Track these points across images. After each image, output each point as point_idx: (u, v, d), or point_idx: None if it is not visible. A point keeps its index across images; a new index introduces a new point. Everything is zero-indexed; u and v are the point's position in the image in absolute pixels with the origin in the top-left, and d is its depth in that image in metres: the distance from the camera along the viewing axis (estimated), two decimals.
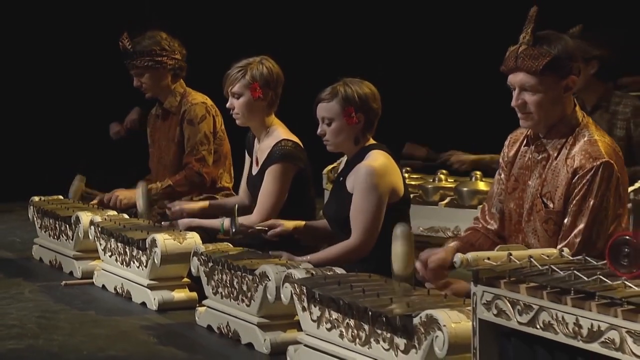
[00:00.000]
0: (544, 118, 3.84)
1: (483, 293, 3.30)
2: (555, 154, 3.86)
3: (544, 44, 3.79)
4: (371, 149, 4.73)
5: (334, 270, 4.27)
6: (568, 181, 3.79)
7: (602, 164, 3.76)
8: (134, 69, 6.08)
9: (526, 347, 3.19)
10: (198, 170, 5.95)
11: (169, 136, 6.12)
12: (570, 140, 3.85)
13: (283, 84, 5.30)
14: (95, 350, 4.44)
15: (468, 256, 3.32)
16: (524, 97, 3.83)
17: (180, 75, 6.12)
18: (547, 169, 3.87)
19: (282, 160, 5.13)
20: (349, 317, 3.87)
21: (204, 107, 6.03)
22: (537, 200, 3.88)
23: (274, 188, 5.13)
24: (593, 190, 3.76)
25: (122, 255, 5.45)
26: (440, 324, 3.46)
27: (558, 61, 3.77)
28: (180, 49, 6.10)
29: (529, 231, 3.90)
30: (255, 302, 4.42)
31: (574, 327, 2.97)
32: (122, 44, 6.04)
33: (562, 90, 3.82)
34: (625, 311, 2.84)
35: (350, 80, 4.74)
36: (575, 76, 3.83)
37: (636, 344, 2.80)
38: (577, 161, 3.79)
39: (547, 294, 3.07)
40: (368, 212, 4.60)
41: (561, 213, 3.82)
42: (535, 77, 3.79)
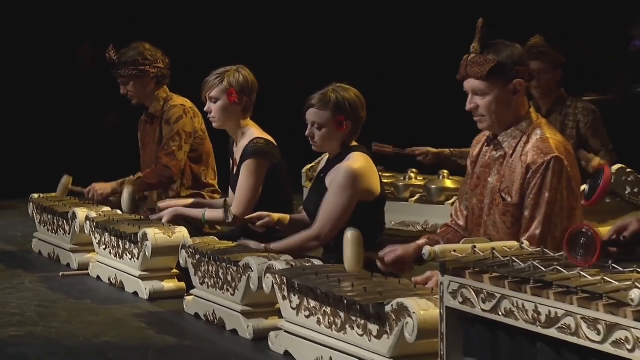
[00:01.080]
0: (495, 119, 3.87)
1: (450, 283, 3.30)
2: (510, 152, 3.88)
3: (490, 52, 3.83)
4: (353, 150, 4.72)
5: (312, 262, 4.27)
6: (523, 176, 3.81)
7: (553, 158, 3.78)
8: (120, 78, 6.09)
9: (489, 333, 3.20)
10: (166, 164, 5.92)
11: (153, 138, 6.13)
12: (525, 139, 3.87)
13: (257, 91, 5.31)
14: (91, 336, 4.43)
15: (436, 249, 3.34)
16: (475, 101, 3.87)
17: (163, 82, 6.11)
18: (505, 166, 3.89)
19: (254, 156, 5.13)
20: (326, 305, 3.87)
21: (181, 109, 6.03)
22: (496, 195, 3.89)
23: (248, 182, 5.13)
24: (547, 184, 3.78)
25: (115, 248, 5.44)
26: (410, 311, 3.46)
27: (503, 66, 3.81)
28: (163, 57, 6.09)
29: (489, 224, 3.92)
30: (239, 292, 4.42)
31: (533, 313, 2.98)
32: (109, 55, 6.05)
33: (510, 93, 3.85)
34: (580, 299, 2.85)
35: (340, 87, 4.73)
36: (522, 79, 3.85)
37: (590, 329, 2.81)
38: (530, 157, 3.81)
39: (508, 283, 3.08)
40: (335, 208, 4.61)
41: (518, 206, 3.83)
42: (483, 81, 3.83)
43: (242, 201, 5.09)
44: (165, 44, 6.26)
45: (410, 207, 6.58)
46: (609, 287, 2.80)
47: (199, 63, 5.96)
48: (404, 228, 6.53)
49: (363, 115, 4.74)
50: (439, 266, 3.34)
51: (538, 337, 3.00)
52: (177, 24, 9.24)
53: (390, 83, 9.69)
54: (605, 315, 2.77)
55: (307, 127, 4.74)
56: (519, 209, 3.82)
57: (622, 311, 2.72)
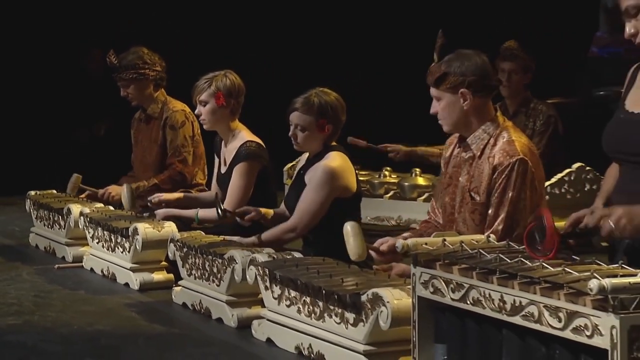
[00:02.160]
0: (451, 123, 3.90)
1: (421, 273, 3.30)
2: (479, 153, 3.89)
3: (444, 63, 3.88)
4: (331, 149, 4.73)
5: (293, 255, 4.27)
6: (489, 176, 3.82)
7: (518, 160, 3.79)
8: (120, 81, 6.06)
9: (458, 320, 3.21)
10: (180, 170, 5.93)
11: (151, 138, 6.09)
12: (492, 141, 3.88)
13: (245, 94, 5.31)
14: (85, 325, 4.41)
15: (408, 242, 3.34)
16: (435, 106, 3.93)
17: (161, 84, 6.10)
18: (474, 167, 3.90)
19: (247, 159, 5.14)
20: (305, 295, 3.87)
21: (183, 114, 6.01)
22: (466, 194, 3.90)
23: (241, 183, 5.14)
24: (511, 184, 3.79)
25: (108, 242, 5.43)
26: (384, 301, 3.46)
27: (447, 76, 3.85)
28: (160, 61, 6.08)
29: (460, 221, 3.93)
30: (224, 283, 4.41)
31: (499, 302, 2.99)
32: (109, 59, 6.02)
33: (459, 100, 3.86)
34: (543, 289, 2.85)
35: (322, 92, 4.73)
36: (467, 89, 3.85)
37: (552, 317, 2.81)
38: (496, 159, 3.82)
39: (476, 274, 3.08)
40: (312, 203, 4.61)
41: (485, 205, 3.84)
42: (435, 88, 3.90)
43: (234, 199, 5.10)
44: (161, 49, 6.25)
45: (385, 203, 6.59)
46: (570, 278, 2.81)
47: (190, 67, 5.95)
48: (379, 223, 6.54)
49: (343, 119, 4.76)
50: (412, 258, 3.35)
51: (504, 325, 3.00)
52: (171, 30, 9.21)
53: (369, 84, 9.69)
54: (565, 303, 2.77)
55: (290, 128, 4.74)
56: (486, 207, 3.84)
57: (582, 300, 2.73)
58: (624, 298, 2.65)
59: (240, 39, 9.63)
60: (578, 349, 2.78)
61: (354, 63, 9.69)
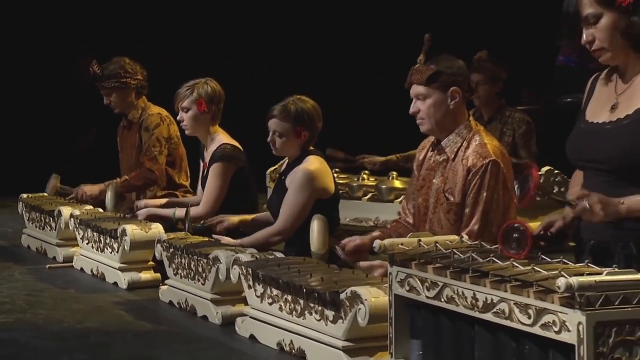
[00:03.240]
0: (434, 122, 3.89)
1: (397, 272, 3.31)
2: (452, 156, 3.90)
3: (432, 63, 3.90)
4: (309, 154, 4.73)
5: (275, 255, 4.27)
6: (464, 178, 3.83)
7: (490, 162, 3.81)
8: (103, 89, 6.09)
9: (433, 317, 3.21)
10: (149, 167, 5.94)
11: (131, 142, 6.13)
12: (465, 144, 3.89)
13: (225, 101, 5.31)
14: (75, 322, 4.39)
15: (385, 242, 3.34)
16: (417, 105, 3.90)
17: (142, 92, 6.12)
18: (448, 169, 3.91)
19: (221, 160, 5.15)
20: (287, 293, 3.86)
21: (158, 117, 6.03)
22: (440, 195, 3.91)
23: (215, 183, 5.14)
24: (485, 184, 3.80)
25: (97, 243, 5.41)
26: (362, 299, 3.46)
27: (440, 74, 3.86)
28: (141, 70, 6.10)
29: (434, 221, 3.93)
30: (209, 281, 4.40)
31: (472, 300, 2.99)
32: (92, 69, 6.05)
33: (448, 98, 3.88)
34: (513, 287, 2.86)
35: (299, 99, 4.74)
36: (458, 88, 3.88)
37: (522, 314, 2.82)
38: (470, 161, 3.83)
39: (450, 273, 3.09)
40: (295, 206, 4.61)
41: (460, 205, 3.85)
42: (424, 86, 3.88)
43: (209, 200, 5.12)
44: (144, 57, 6.26)
45: (363, 205, 6.60)
46: (539, 276, 2.81)
47: (171, 76, 5.95)
48: (358, 224, 6.54)
49: (319, 125, 4.77)
50: (388, 257, 3.35)
51: (476, 321, 3.01)
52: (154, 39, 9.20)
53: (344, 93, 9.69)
54: (535, 301, 2.78)
55: (269, 134, 4.75)
56: (461, 207, 3.85)
57: (550, 297, 2.74)
58: (590, 295, 2.66)
59: (222, 48, 9.62)
60: (547, 344, 2.78)
61: (331, 71, 9.69)
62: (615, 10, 2.97)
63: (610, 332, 2.67)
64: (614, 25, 2.97)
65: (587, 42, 3.03)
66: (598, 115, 3.09)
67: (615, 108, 3.04)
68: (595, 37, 3.01)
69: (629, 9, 2.95)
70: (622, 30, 2.97)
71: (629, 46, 2.99)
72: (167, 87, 5.58)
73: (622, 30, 2.97)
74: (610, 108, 3.05)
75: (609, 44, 2.99)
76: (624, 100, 3.02)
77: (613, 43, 2.99)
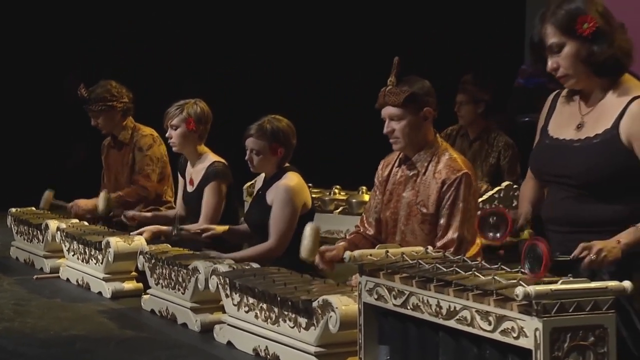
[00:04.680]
0: (408, 141, 3.90)
1: (366, 282, 3.31)
2: (423, 171, 3.91)
3: (405, 84, 3.88)
4: (287, 170, 4.73)
5: (251, 265, 4.26)
6: (438, 190, 3.84)
7: (463, 174, 3.83)
8: (90, 112, 6.07)
9: (400, 324, 3.21)
10: (143, 185, 5.94)
11: (123, 162, 6.11)
12: (435, 159, 3.91)
13: (212, 121, 5.32)
14: (61, 330, 4.36)
15: (355, 253, 3.33)
16: (392, 126, 3.90)
17: (128, 113, 6.11)
18: (419, 183, 3.91)
19: (217, 178, 5.15)
20: (262, 301, 3.86)
21: (151, 138, 6.04)
22: (413, 207, 3.91)
23: (213, 200, 5.13)
24: (460, 195, 3.82)
25: (82, 254, 5.38)
26: (333, 307, 3.46)
27: (415, 96, 3.86)
28: (127, 93, 6.09)
29: (407, 232, 3.92)
30: (189, 291, 4.38)
31: (436, 307, 3.00)
32: (80, 92, 6.04)
33: (421, 118, 3.89)
34: (475, 295, 2.87)
35: (274, 118, 4.74)
36: (430, 108, 3.89)
37: (483, 320, 2.83)
38: (443, 174, 3.85)
39: (415, 282, 3.09)
40: (284, 221, 4.60)
41: (434, 215, 3.85)
42: (399, 108, 3.87)
43: (209, 217, 5.09)
44: (130, 80, 6.25)
45: (335, 218, 6.61)
46: (499, 285, 2.82)
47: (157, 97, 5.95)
48: (330, 236, 6.54)
49: (294, 142, 4.77)
50: (358, 268, 3.35)
51: (440, 328, 3.02)
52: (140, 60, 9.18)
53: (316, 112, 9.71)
54: (495, 308, 2.79)
55: (247, 152, 4.74)
56: (435, 218, 3.85)
57: (509, 305, 2.75)
58: (546, 303, 2.67)
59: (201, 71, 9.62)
60: (506, 349, 2.80)
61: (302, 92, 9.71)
62: (577, 40, 3.00)
63: (565, 337, 2.69)
64: (576, 54, 3.00)
65: (552, 70, 3.06)
66: (563, 132, 3.11)
67: (581, 127, 3.06)
68: (559, 65, 3.04)
69: (590, 38, 2.99)
70: (584, 58, 3.00)
71: (591, 72, 3.03)
72: (153, 107, 5.58)
73: (584, 58, 3.00)
74: (576, 127, 3.08)
75: (573, 70, 3.03)
76: (590, 121, 3.05)
77: (576, 70, 3.02)
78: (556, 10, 3.02)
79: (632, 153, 2.95)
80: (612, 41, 2.98)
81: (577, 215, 3.02)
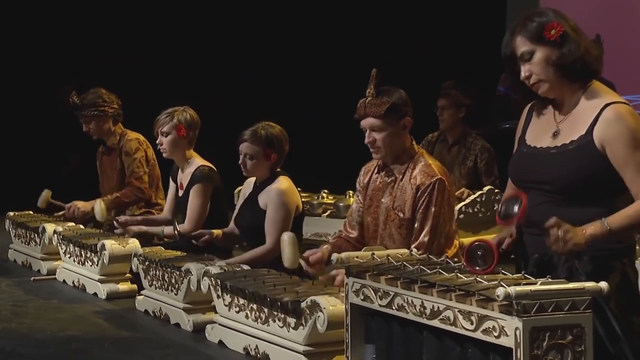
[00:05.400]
0: (389, 150, 3.89)
1: (353, 283, 3.31)
2: (400, 177, 3.91)
3: (384, 95, 3.86)
4: (278, 174, 4.73)
5: (242, 267, 4.26)
6: (413, 195, 3.84)
7: (437, 180, 3.82)
8: (82, 118, 6.08)
9: (385, 324, 3.21)
10: (138, 186, 5.94)
11: (112, 166, 6.11)
12: (411, 166, 3.90)
13: (200, 127, 5.32)
14: (57, 330, 4.35)
15: (342, 256, 3.33)
16: (373, 136, 3.88)
17: (118, 120, 6.13)
18: (396, 188, 3.91)
19: (201, 180, 5.14)
20: (252, 302, 3.86)
21: (137, 142, 6.04)
22: (390, 212, 3.91)
23: (198, 202, 5.12)
24: (433, 200, 3.81)
25: (78, 257, 5.37)
26: (321, 307, 3.47)
27: (395, 107, 3.84)
28: (117, 100, 6.13)
29: (385, 236, 3.92)
30: (181, 292, 4.38)
31: (420, 308, 3.00)
32: (72, 99, 6.06)
33: (401, 128, 3.89)
34: (457, 295, 2.87)
35: (267, 125, 4.74)
36: (409, 117, 3.89)
37: (465, 320, 2.84)
38: (418, 180, 3.84)
39: (400, 283, 3.09)
40: (279, 223, 4.58)
41: (411, 220, 3.85)
42: (380, 119, 3.84)
43: (193, 217, 5.09)
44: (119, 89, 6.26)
45: (323, 221, 6.60)
46: (480, 286, 2.83)
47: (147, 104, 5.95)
48: (318, 238, 6.54)
49: (286, 148, 4.77)
50: (345, 269, 3.35)
51: (424, 327, 3.02)
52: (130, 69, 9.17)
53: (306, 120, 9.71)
54: (477, 308, 2.80)
55: (240, 157, 4.74)
56: (411, 222, 3.85)
57: (490, 305, 2.76)
58: (526, 303, 2.68)
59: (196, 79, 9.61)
60: (487, 348, 2.80)
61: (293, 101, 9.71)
62: (546, 45, 3.03)
63: (544, 336, 2.69)
64: (547, 58, 3.03)
65: (525, 78, 3.08)
66: (540, 141, 3.12)
67: (557, 134, 3.08)
68: (532, 72, 3.06)
69: (558, 42, 3.02)
70: (554, 62, 3.03)
71: (562, 77, 3.04)
72: (143, 114, 5.57)
73: (554, 62, 3.03)
74: (552, 134, 3.09)
75: (545, 75, 3.04)
76: (565, 128, 3.07)
77: (548, 75, 3.04)
78: (525, 22, 3.06)
79: (606, 157, 2.97)
80: (579, 44, 3.01)
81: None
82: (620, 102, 3.02)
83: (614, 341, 2.91)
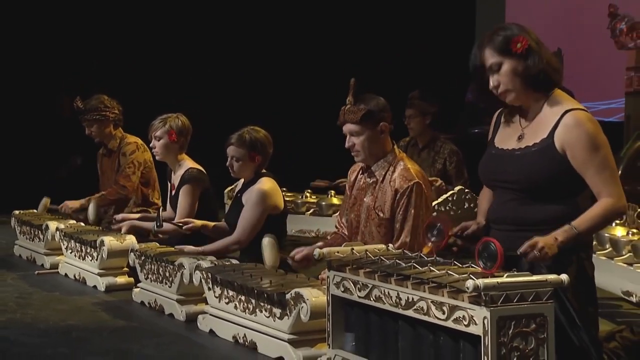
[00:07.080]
0: (368, 153, 3.89)
1: (334, 276, 3.31)
2: (381, 179, 3.91)
3: (362, 103, 3.86)
4: (262, 176, 4.73)
5: (231, 261, 4.25)
6: (392, 197, 3.84)
7: (415, 183, 3.82)
8: (85, 121, 6.09)
9: (364, 314, 3.22)
10: (123, 184, 5.94)
11: (112, 168, 6.12)
12: (392, 169, 3.90)
13: (191, 133, 5.32)
14: (59, 320, 4.32)
15: (323, 251, 3.33)
16: (352, 140, 3.89)
17: (119, 124, 6.14)
18: (377, 190, 3.91)
19: (189, 182, 5.14)
20: (241, 294, 3.85)
21: (135, 145, 6.05)
22: (371, 211, 3.91)
23: (186, 202, 5.11)
24: (412, 203, 3.81)
25: (79, 252, 5.34)
26: (304, 298, 3.46)
27: (371, 113, 3.84)
28: (117, 105, 6.14)
29: (366, 233, 3.92)
30: (175, 284, 4.36)
31: (396, 299, 3.01)
32: (76, 104, 6.08)
33: (378, 132, 3.88)
34: (430, 287, 2.88)
35: (252, 129, 4.74)
36: (386, 123, 3.89)
37: (437, 310, 2.84)
38: (397, 183, 3.84)
39: (378, 276, 3.10)
40: (250, 220, 4.59)
41: (389, 220, 3.85)
42: (357, 125, 3.85)
43: (182, 216, 5.08)
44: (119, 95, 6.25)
45: (306, 219, 6.59)
46: (452, 279, 2.84)
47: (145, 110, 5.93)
48: (302, 235, 6.54)
49: (270, 151, 4.78)
50: (326, 263, 3.35)
51: (399, 317, 3.02)
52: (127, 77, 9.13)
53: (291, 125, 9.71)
54: (448, 299, 2.80)
55: (228, 159, 4.74)
56: (390, 222, 3.85)
57: (461, 296, 2.76)
58: (494, 294, 2.69)
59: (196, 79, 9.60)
60: (458, 336, 2.81)
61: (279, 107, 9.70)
62: (513, 57, 3.05)
63: (510, 324, 2.71)
64: (514, 70, 3.05)
65: (494, 87, 3.10)
66: (507, 143, 3.15)
67: (522, 138, 3.11)
68: (500, 82, 3.08)
69: (524, 54, 3.04)
70: (520, 73, 3.05)
71: (527, 86, 3.07)
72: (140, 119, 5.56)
73: (520, 73, 3.05)
74: (518, 138, 3.12)
75: (512, 85, 3.07)
76: (529, 132, 3.09)
77: (514, 84, 3.07)
78: (493, 36, 3.08)
79: (566, 159, 3.00)
80: (542, 57, 3.04)
81: (519, 216, 3.06)
82: (579, 108, 3.05)
83: (573, 327, 2.94)
